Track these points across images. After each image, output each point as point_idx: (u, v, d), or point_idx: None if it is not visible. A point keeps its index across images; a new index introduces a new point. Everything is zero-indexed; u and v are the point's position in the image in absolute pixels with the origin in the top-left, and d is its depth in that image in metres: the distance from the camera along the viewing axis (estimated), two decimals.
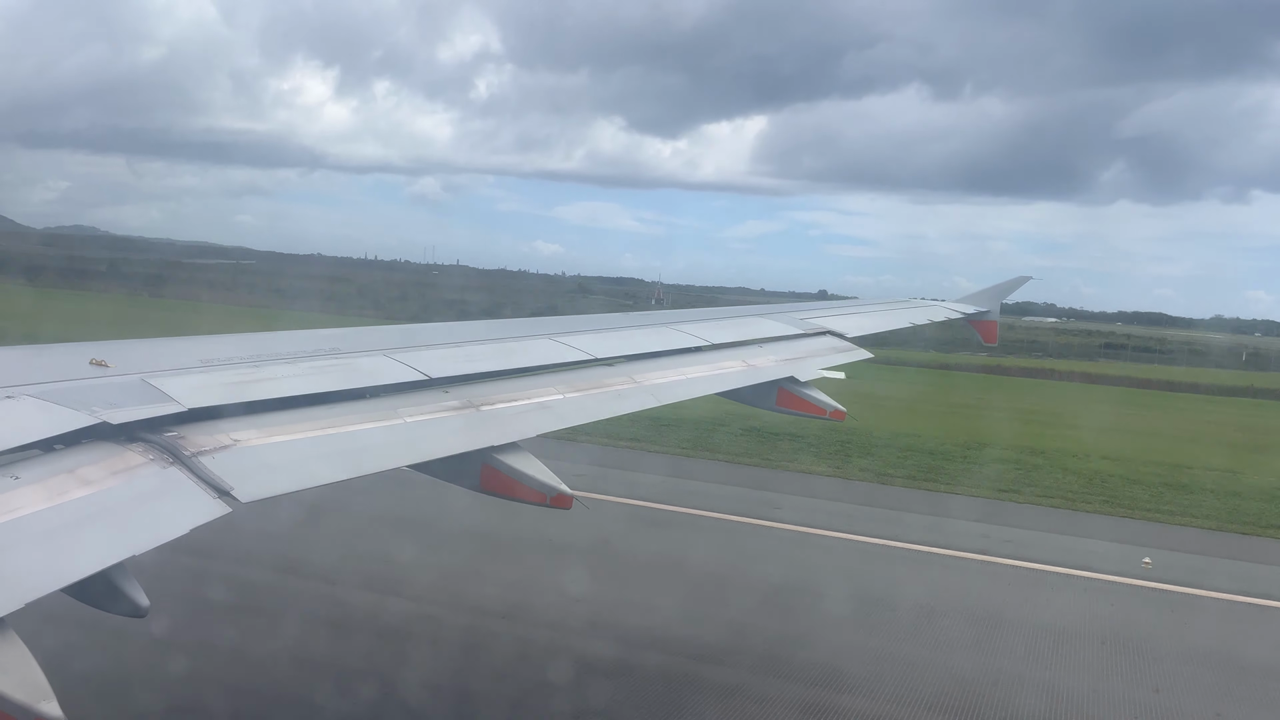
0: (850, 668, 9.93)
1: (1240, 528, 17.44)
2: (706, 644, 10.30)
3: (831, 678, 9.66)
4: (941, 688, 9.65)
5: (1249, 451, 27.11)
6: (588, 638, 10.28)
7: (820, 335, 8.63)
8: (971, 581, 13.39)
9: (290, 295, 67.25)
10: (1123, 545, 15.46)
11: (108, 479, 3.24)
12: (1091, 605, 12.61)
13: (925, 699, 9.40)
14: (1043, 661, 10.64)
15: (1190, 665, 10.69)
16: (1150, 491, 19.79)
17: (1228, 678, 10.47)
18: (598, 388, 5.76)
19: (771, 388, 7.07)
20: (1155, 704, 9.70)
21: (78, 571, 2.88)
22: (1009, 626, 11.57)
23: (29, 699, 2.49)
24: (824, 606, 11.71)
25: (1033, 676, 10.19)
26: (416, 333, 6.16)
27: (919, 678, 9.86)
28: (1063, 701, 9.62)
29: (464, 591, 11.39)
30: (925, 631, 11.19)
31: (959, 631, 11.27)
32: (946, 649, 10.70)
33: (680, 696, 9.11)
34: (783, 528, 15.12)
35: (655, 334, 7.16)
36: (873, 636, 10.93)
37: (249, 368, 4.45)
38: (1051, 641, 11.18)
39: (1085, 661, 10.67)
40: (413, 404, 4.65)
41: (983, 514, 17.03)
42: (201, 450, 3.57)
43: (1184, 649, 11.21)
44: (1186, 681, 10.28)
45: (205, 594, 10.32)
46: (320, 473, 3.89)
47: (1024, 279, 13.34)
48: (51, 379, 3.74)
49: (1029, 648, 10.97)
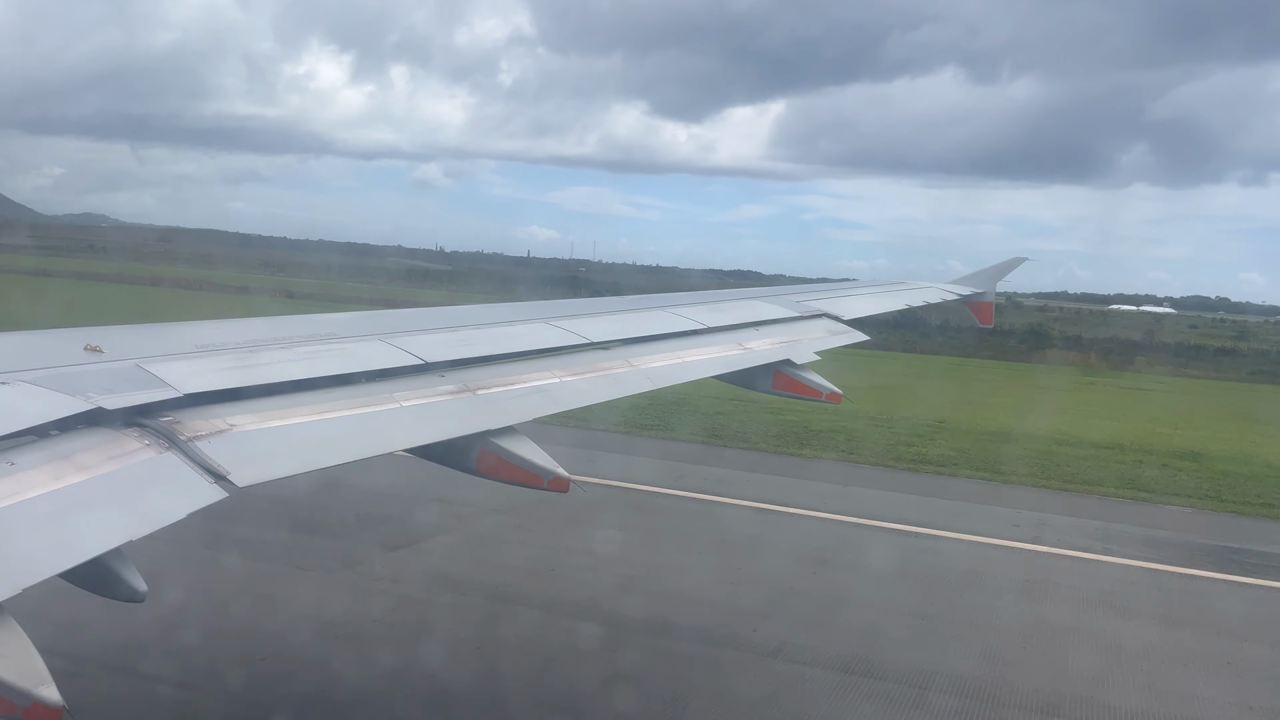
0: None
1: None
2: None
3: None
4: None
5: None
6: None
7: (817, 318, 8.63)
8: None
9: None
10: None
11: (104, 464, 3.24)
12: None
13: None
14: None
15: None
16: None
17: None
18: (594, 371, 5.76)
19: (768, 370, 7.07)
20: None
21: (75, 557, 2.89)
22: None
23: (28, 684, 2.50)
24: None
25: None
26: (412, 318, 6.15)
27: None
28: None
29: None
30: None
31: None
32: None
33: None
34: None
35: (651, 317, 7.15)
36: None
37: (245, 353, 4.45)
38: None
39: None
40: (408, 388, 4.65)
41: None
42: (197, 435, 3.57)
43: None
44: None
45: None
46: (316, 457, 3.90)
47: (1020, 259, 13.35)
48: (47, 365, 3.73)
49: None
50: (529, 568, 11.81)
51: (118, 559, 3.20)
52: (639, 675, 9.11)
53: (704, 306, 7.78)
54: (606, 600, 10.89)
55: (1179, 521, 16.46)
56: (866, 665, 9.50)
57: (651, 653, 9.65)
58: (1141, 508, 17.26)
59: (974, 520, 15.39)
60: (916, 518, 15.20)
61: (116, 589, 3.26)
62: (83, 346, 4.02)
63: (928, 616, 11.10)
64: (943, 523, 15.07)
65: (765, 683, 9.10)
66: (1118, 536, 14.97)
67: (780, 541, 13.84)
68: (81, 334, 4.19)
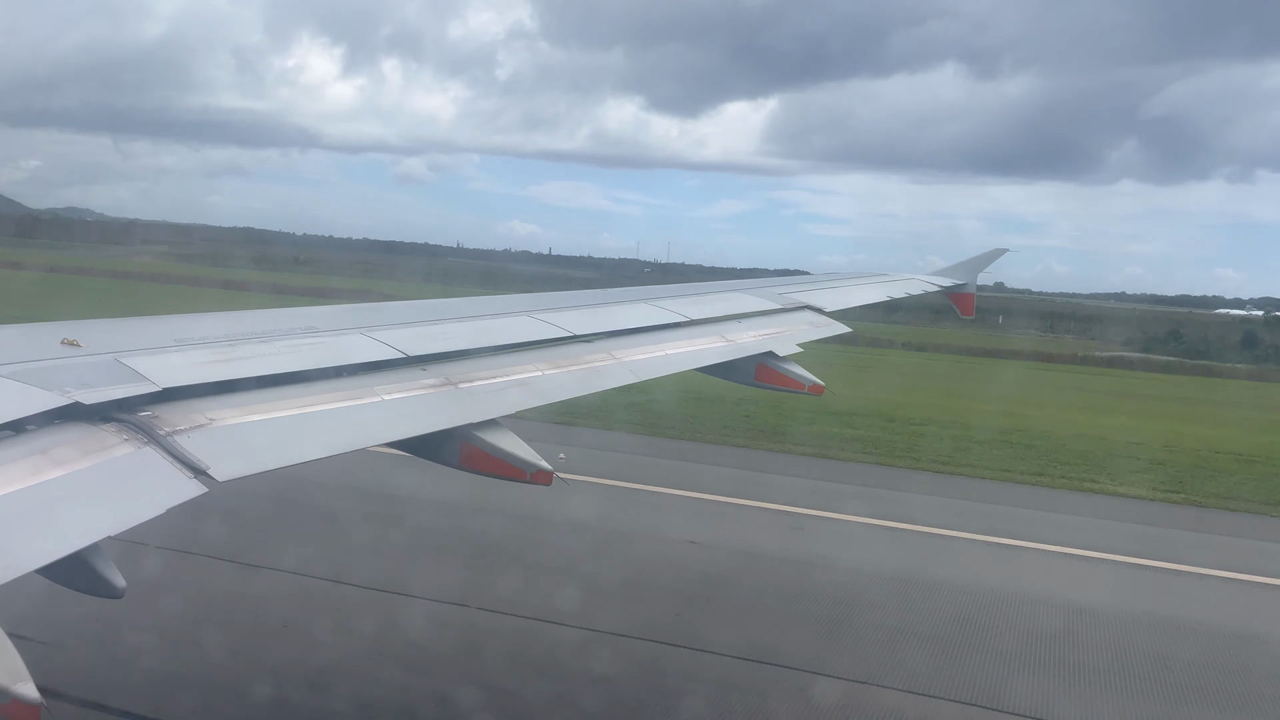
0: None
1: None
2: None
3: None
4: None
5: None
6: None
7: (799, 310, 8.65)
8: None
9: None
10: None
11: (81, 459, 3.21)
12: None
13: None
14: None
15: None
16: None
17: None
18: (577, 364, 5.75)
19: (750, 363, 7.09)
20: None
21: (52, 553, 2.86)
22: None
23: (6, 681, 2.48)
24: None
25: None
26: (394, 311, 6.12)
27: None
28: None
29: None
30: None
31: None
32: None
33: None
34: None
35: (634, 310, 7.15)
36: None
37: (224, 346, 4.42)
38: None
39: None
40: (390, 382, 4.63)
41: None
42: (177, 429, 3.54)
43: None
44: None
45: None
46: (297, 451, 3.88)
47: (1001, 251, 13.43)
48: (21, 359, 3.69)
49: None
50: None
51: (96, 555, 3.18)
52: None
53: (686, 299, 7.79)
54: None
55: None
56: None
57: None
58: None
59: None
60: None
61: (95, 585, 3.23)
62: (59, 340, 3.98)
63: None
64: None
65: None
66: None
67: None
68: (58, 327, 4.15)
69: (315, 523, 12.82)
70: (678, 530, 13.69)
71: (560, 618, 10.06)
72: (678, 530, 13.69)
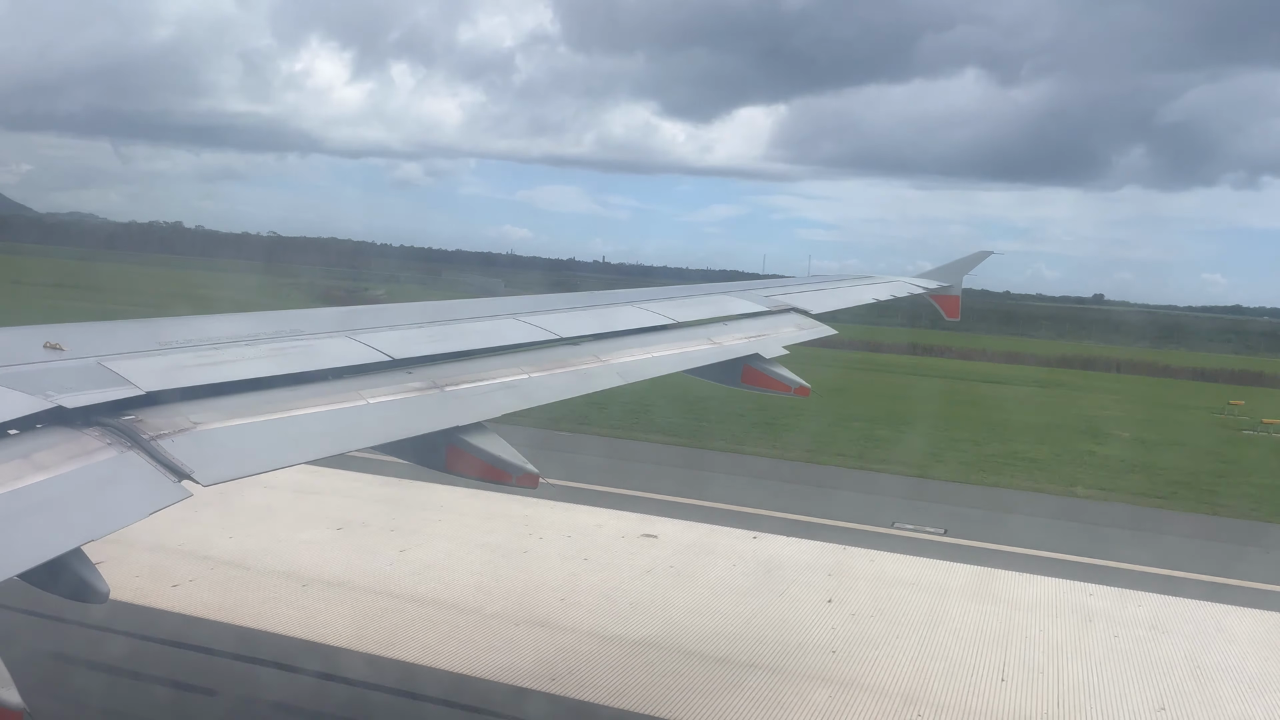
0: None
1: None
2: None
3: None
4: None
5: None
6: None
7: (785, 312, 8.65)
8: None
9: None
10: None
11: (64, 464, 3.19)
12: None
13: None
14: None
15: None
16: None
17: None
18: (563, 367, 5.74)
19: (737, 365, 7.09)
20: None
21: (35, 558, 2.84)
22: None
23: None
24: None
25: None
26: (379, 314, 6.09)
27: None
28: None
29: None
30: None
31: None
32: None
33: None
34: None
35: (621, 313, 7.13)
36: None
37: (209, 350, 4.39)
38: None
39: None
40: (376, 385, 4.61)
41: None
42: (160, 434, 3.51)
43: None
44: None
45: None
46: (282, 455, 3.86)
47: (986, 253, 13.44)
48: (4, 364, 3.66)
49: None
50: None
51: (79, 559, 3.15)
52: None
53: (674, 301, 7.77)
54: None
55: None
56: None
57: None
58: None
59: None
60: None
61: (77, 590, 3.21)
62: (42, 344, 3.95)
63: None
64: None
65: None
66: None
67: None
68: (41, 331, 4.11)
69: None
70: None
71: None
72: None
